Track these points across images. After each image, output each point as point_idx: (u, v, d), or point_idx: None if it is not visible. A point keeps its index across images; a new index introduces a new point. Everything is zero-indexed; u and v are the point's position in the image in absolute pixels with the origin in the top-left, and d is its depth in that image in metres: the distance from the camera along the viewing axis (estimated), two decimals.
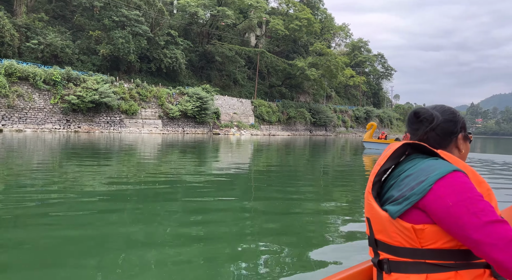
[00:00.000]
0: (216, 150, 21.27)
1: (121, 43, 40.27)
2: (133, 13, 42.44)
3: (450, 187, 1.10)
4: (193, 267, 3.35)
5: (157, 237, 4.08)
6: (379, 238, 1.22)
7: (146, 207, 5.58)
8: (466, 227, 1.06)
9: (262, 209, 5.82)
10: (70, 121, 34.55)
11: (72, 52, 39.73)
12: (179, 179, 8.62)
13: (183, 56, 48.03)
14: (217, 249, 3.81)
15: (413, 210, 1.14)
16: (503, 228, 1.05)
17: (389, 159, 1.26)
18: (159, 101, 42.19)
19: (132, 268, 3.26)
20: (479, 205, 1.07)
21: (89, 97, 34.24)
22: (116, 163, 12.05)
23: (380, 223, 1.20)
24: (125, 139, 27.30)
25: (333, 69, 61.23)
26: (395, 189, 1.21)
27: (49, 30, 38.75)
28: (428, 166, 1.17)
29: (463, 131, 1.34)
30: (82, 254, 3.51)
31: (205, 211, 5.53)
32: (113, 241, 3.95)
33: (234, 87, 59.53)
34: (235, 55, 56.00)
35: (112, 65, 43.14)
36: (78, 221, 4.67)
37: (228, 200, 6.44)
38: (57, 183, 7.38)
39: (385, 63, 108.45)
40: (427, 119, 1.30)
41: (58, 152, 15.43)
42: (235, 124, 50.34)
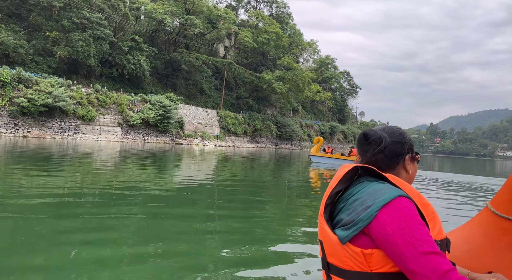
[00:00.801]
0: (178, 160, 20.41)
1: (80, 46, 38.37)
2: (95, 16, 40.74)
3: (392, 214, 1.11)
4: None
5: (110, 257, 3.78)
6: (331, 262, 1.22)
7: (99, 222, 5.12)
8: (402, 256, 1.08)
9: (223, 227, 5.50)
10: (19, 125, 32.11)
11: (26, 53, 37.37)
12: (137, 190, 8.17)
13: (147, 63, 46.58)
14: (174, 266, 3.60)
15: (361, 235, 1.15)
16: (436, 260, 1.06)
17: (340, 181, 1.26)
18: (119, 108, 40.37)
19: None
20: (416, 234, 1.09)
21: (42, 101, 32.04)
22: (68, 172, 11.19)
23: (331, 247, 1.20)
24: (80, 146, 25.70)
25: (300, 83, 61.65)
26: (344, 212, 1.21)
27: (2, 28, 36.30)
28: (375, 190, 1.18)
29: (410, 152, 1.35)
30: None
31: (163, 230, 5.12)
32: (59, 263, 3.55)
33: (201, 97, 58.46)
34: (202, 65, 55.14)
35: (70, 68, 40.98)
36: (21, 238, 4.23)
37: (188, 215, 6.10)
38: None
39: (351, 80, 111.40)
40: (376, 141, 1.30)
41: (1, 157, 14.03)
42: (199, 135, 49.12)
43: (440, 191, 12.52)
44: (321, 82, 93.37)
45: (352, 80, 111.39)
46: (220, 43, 66.15)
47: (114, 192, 7.81)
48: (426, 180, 16.55)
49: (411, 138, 1.37)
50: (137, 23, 50.87)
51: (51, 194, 7.06)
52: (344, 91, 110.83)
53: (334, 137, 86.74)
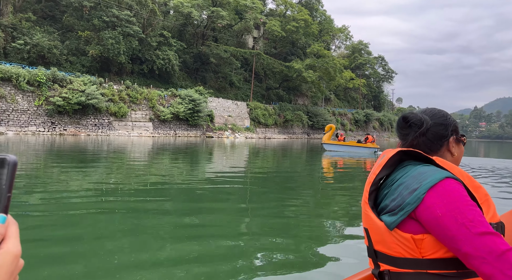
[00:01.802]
0: (210, 153, 20.39)
1: (110, 44, 39.23)
2: (124, 13, 41.42)
3: (440, 196, 1.07)
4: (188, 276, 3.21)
5: (149, 248, 3.83)
6: (379, 249, 1.18)
7: (136, 216, 5.22)
8: (455, 239, 1.03)
9: (257, 220, 5.43)
10: (55, 124, 33.45)
11: (60, 53, 38.71)
12: (171, 183, 8.28)
13: (176, 58, 46.95)
14: (213, 263, 3.59)
15: (410, 220, 1.11)
16: (492, 240, 1.01)
17: (384, 167, 1.22)
18: (150, 103, 41.07)
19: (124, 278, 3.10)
20: (468, 215, 1.04)
21: (75, 99, 33.14)
22: (104, 167, 11.41)
23: (379, 234, 1.16)
24: (114, 142, 26.37)
25: (331, 71, 60.01)
26: (389, 198, 1.18)
27: (36, 30, 37.78)
28: (420, 173, 1.14)
29: (455, 134, 1.31)
30: (68, 262, 3.35)
31: (199, 219, 5.23)
32: (103, 251, 3.69)
33: (230, 90, 58.41)
34: (230, 57, 54.90)
35: (102, 66, 42.10)
36: (64, 229, 4.40)
37: (223, 206, 6.11)
38: (42, 189, 6.96)
39: (386, 65, 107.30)
40: (416, 124, 1.26)
41: (42, 155, 14.60)
42: (230, 127, 49.15)
43: (489, 177, 11.78)
44: (354, 69, 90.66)
45: (387, 65, 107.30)
46: (248, 34, 65.60)
47: (149, 187, 7.83)
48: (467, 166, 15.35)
49: (454, 120, 1.31)
50: (165, 18, 51.32)
51: (89, 190, 7.21)
52: (379, 77, 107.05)
53: (369, 124, 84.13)
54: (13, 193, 1.77)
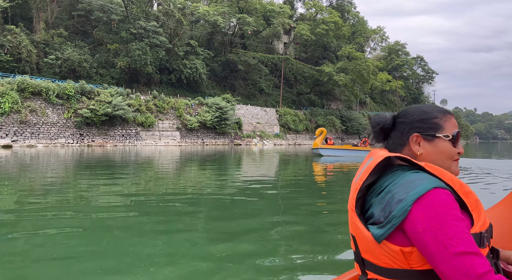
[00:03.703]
0: (238, 161, 19.94)
1: (137, 55, 39.74)
2: (151, 25, 41.95)
3: (424, 210, 1.02)
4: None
5: (179, 257, 3.85)
6: (366, 258, 1.14)
7: (167, 225, 5.24)
8: (432, 256, 1.00)
9: (288, 230, 5.20)
10: (84, 135, 34.06)
11: (90, 66, 39.70)
12: (200, 191, 8.34)
13: (203, 66, 46.89)
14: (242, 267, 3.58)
15: (398, 232, 1.06)
16: (470, 262, 0.96)
17: (371, 173, 1.16)
18: (177, 112, 41.07)
19: None
20: (449, 232, 0.99)
21: (102, 110, 33.62)
22: (132, 177, 11.46)
23: (366, 244, 1.12)
24: (141, 152, 26.38)
25: (364, 73, 57.62)
26: (376, 207, 1.12)
27: (68, 45, 39.01)
28: (408, 182, 1.08)
29: (422, 131, 1.20)
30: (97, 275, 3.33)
31: (229, 228, 5.13)
32: (134, 260, 3.68)
33: (260, 96, 57.63)
34: (258, 63, 54.18)
35: (131, 77, 42.77)
36: (94, 240, 4.44)
37: (253, 216, 5.99)
38: (71, 200, 7.15)
39: (426, 66, 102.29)
40: (374, 125, 1.27)
41: (71, 167, 14.80)
42: (258, 134, 48.19)
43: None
44: (391, 70, 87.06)
45: (426, 65, 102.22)
46: (278, 40, 64.73)
47: (178, 196, 7.79)
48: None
49: (428, 116, 1.21)
50: (192, 28, 51.62)
51: (119, 199, 7.26)
52: (418, 78, 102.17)
53: None
54: (39, 212, 4.59)
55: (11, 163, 15.98)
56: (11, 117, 30.41)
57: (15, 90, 30.66)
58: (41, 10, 39.24)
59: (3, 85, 30.25)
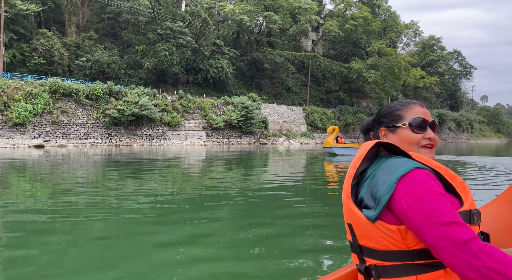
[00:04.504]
0: (264, 160, 19.74)
1: (164, 56, 40.23)
2: (177, 25, 42.35)
3: (407, 187, 1.08)
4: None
5: (210, 254, 3.88)
6: (364, 244, 1.18)
7: (195, 222, 5.28)
8: (419, 230, 1.04)
9: (317, 233, 5.10)
10: (112, 135, 34.84)
11: (119, 67, 40.61)
12: (226, 191, 8.32)
13: (229, 66, 46.85)
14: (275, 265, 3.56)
15: (389, 212, 1.11)
16: (455, 230, 1.01)
17: (363, 160, 1.23)
18: (203, 112, 41.25)
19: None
20: (431, 205, 1.04)
21: (129, 111, 34.24)
22: (160, 176, 11.69)
23: (363, 229, 1.15)
24: (168, 151, 26.64)
25: (396, 69, 55.62)
26: (364, 191, 1.18)
27: (97, 48, 40.08)
28: (391, 165, 1.15)
29: (386, 124, 1.31)
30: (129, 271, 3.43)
31: (258, 226, 5.15)
32: (165, 258, 3.77)
33: (287, 95, 56.96)
34: (285, 61, 53.52)
35: (158, 78, 43.40)
36: (126, 237, 4.58)
37: (281, 213, 5.99)
38: (102, 197, 7.38)
39: (463, 60, 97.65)
40: (363, 126, 1.45)
41: (100, 166, 15.30)
42: (284, 133, 47.59)
43: None
44: (426, 66, 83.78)
45: (464, 60, 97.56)
46: (305, 37, 63.76)
47: (204, 195, 7.81)
48: None
49: (392, 110, 1.31)
50: (218, 27, 51.72)
51: (146, 197, 7.38)
52: (454, 73, 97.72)
53: (443, 126, 76.60)
54: (72, 209, 5.12)
55: (43, 162, 16.45)
56: (44, 117, 31.56)
57: (47, 92, 31.79)
58: (73, 14, 40.55)
59: (36, 87, 31.44)
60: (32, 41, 36.25)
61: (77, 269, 3.43)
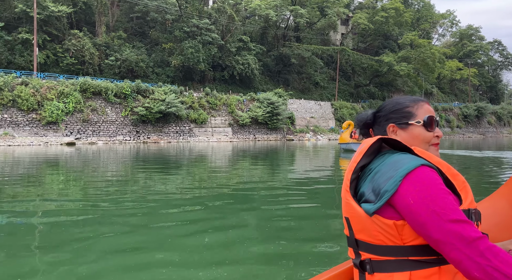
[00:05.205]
0: (291, 156, 19.73)
1: (190, 53, 40.51)
2: (203, 22, 42.49)
3: (413, 183, 1.08)
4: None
5: (235, 254, 3.91)
6: (360, 238, 1.19)
7: (220, 222, 5.30)
8: (426, 225, 1.04)
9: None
10: (140, 132, 35.52)
11: (147, 66, 41.31)
12: (253, 188, 8.39)
13: (255, 62, 46.55)
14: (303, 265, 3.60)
15: (388, 207, 1.12)
16: (463, 228, 1.02)
17: (364, 155, 1.23)
18: (229, 108, 41.26)
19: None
20: (440, 203, 1.05)
21: (156, 108, 34.74)
22: (187, 172, 12.00)
23: (360, 223, 1.17)
24: (194, 148, 26.95)
25: (429, 62, 53.30)
26: (366, 186, 1.19)
27: (126, 47, 40.93)
28: (396, 161, 1.15)
29: (396, 121, 1.29)
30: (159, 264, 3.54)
31: (285, 221, 5.24)
32: (192, 252, 3.87)
33: (315, 90, 55.99)
34: (312, 56, 52.54)
35: (185, 75, 43.80)
36: (156, 230, 4.72)
37: (310, 210, 6.03)
38: (130, 193, 7.64)
39: (504, 50, 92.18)
40: (361, 121, 1.41)
41: (130, 162, 15.86)
42: (311, 129, 46.80)
43: None
44: (463, 57, 79.85)
45: (505, 50, 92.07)
46: (334, 31, 62.34)
47: (231, 192, 7.88)
48: None
49: (401, 106, 1.29)
50: (244, 23, 51.47)
51: (173, 193, 7.61)
52: (495, 64, 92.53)
53: (482, 120, 72.73)
54: (104, 202, 5.40)
55: (75, 159, 17.08)
56: (75, 116, 32.62)
57: (78, 91, 32.82)
58: (102, 14, 41.61)
59: (67, 87, 32.52)
60: (64, 42, 37.52)
61: (104, 256, 3.76)
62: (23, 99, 30.37)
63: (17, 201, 6.86)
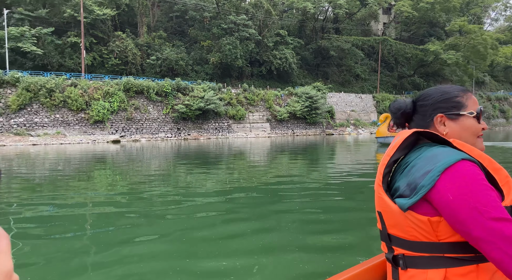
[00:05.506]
0: (331, 151, 19.68)
1: (228, 50, 40.83)
2: (240, 18, 42.63)
3: (453, 179, 1.03)
4: None
5: (279, 242, 4.01)
6: (393, 233, 1.16)
7: (259, 217, 5.41)
8: (466, 222, 1.00)
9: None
10: (181, 129, 36.44)
11: (186, 64, 42.19)
12: (292, 184, 8.37)
13: (293, 56, 46.05)
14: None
15: (424, 203, 1.07)
16: (506, 226, 0.97)
17: (398, 149, 1.18)
18: (266, 104, 41.21)
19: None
20: (482, 199, 1.00)
21: (196, 105, 35.44)
22: (226, 168, 12.32)
23: (393, 217, 1.13)
24: (233, 144, 27.38)
25: (481, 48, 49.94)
26: (401, 180, 1.14)
27: (166, 46, 42.03)
28: (434, 155, 1.10)
29: (445, 111, 1.22)
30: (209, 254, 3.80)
31: (327, 217, 5.29)
32: (241, 244, 4.02)
33: (355, 82, 54.48)
34: (352, 48, 51.05)
35: (223, 72, 44.27)
36: (199, 224, 4.97)
37: (352, 205, 5.96)
38: (174, 187, 8.14)
39: None
40: (398, 109, 1.29)
41: (172, 159, 16.68)
42: (352, 123, 45.64)
43: None
44: None
45: None
46: (375, 21, 60.14)
47: (270, 187, 7.93)
48: None
49: (450, 96, 1.21)
50: (282, 17, 50.99)
51: (214, 189, 7.83)
52: None
53: None
54: (148, 195, 6.74)
55: (122, 156, 18.11)
56: (119, 114, 34.07)
57: (121, 90, 34.21)
58: (144, 15, 42.96)
59: (112, 86, 34.00)
60: (109, 44, 39.22)
61: (148, 242, 4.10)
62: (72, 100, 32.16)
63: (70, 193, 7.54)
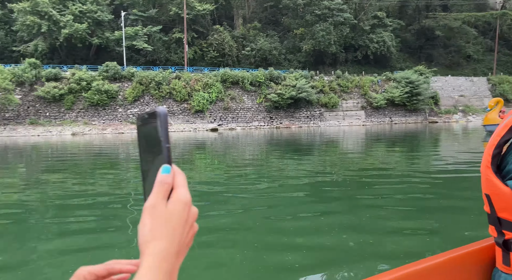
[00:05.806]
0: (434, 141, 18.26)
1: (321, 36, 40.13)
2: (335, 3, 41.40)
3: None
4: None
5: (373, 237, 4.14)
6: (503, 217, 1.11)
7: (348, 206, 5.57)
8: None
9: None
10: (273, 118, 37.27)
11: (279, 53, 42.70)
12: (387, 175, 8.18)
13: (392, 38, 43.18)
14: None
15: None
16: None
17: (510, 129, 1.11)
18: (361, 90, 39.59)
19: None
20: None
21: (288, 94, 35.83)
22: (319, 156, 12.67)
23: (504, 200, 1.09)
24: (325, 132, 27.37)
25: None
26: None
27: (260, 36, 43.04)
28: None
29: None
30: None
31: (421, 214, 5.21)
32: (335, 231, 4.32)
33: (466, 64, 48.84)
34: (463, 25, 45.68)
35: (316, 59, 43.71)
36: (290, 211, 5.32)
37: (458, 204, 5.69)
38: (266, 172, 8.84)
39: None
40: None
41: (265, 145, 18.02)
42: (460, 109, 41.21)
43: None
44: None
45: None
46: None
47: (363, 179, 7.80)
48: None
49: None
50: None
51: (306, 176, 8.20)
52: None
53: None
54: (248, 181, 7.58)
55: (220, 142, 20.08)
56: (217, 104, 36.26)
57: (219, 81, 36.30)
58: (240, 7, 44.54)
59: (211, 78, 36.29)
60: (208, 38, 41.73)
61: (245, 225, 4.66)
62: (177, 91, 35.23)
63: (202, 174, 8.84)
